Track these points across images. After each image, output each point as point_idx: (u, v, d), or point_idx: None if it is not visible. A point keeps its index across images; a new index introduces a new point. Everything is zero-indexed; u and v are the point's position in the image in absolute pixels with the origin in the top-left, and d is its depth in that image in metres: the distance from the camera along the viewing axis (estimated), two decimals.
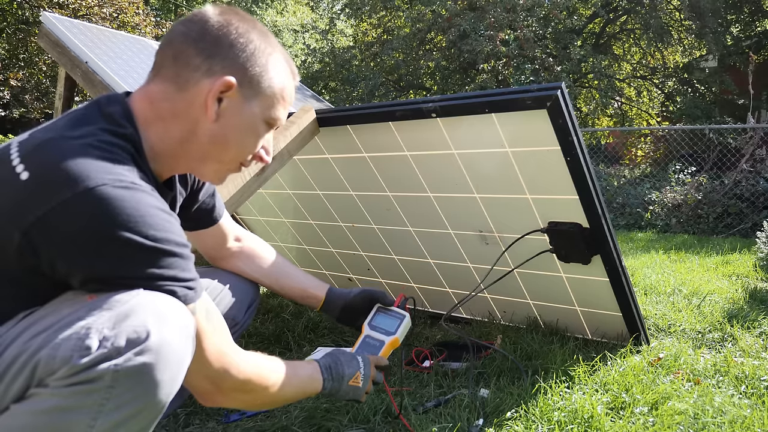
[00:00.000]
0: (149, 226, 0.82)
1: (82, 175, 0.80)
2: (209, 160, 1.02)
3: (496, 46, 9.26)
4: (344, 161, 2.09)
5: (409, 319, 1.43)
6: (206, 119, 0.96)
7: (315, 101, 4.95)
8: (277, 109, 1.03)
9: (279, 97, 1.02)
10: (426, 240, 2.18)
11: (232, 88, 0.95)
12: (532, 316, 2.19)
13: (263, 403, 1.12)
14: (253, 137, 1.02)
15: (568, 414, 1.44)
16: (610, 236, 1.71)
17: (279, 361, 1.12)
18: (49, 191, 0.79)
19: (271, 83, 1.00)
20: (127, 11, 8.40)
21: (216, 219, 1.35)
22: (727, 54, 10.67)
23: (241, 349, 1.01)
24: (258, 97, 0.99)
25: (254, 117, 1.00)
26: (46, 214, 0.78)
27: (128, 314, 0.78)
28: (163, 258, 0.84)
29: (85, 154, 0.82)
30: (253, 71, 0.98)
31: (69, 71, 3.26)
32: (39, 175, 0.81)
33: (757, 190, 6.19)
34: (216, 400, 1.01)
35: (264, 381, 1.05)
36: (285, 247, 2.80)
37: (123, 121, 0.93)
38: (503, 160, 1.72)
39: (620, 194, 7.23)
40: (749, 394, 1.61)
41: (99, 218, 0.79)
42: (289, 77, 1.05)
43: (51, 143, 0.84)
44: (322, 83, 13.41)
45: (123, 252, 0.81)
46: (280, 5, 20.59)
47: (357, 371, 1.25)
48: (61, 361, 0.75)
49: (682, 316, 2.35)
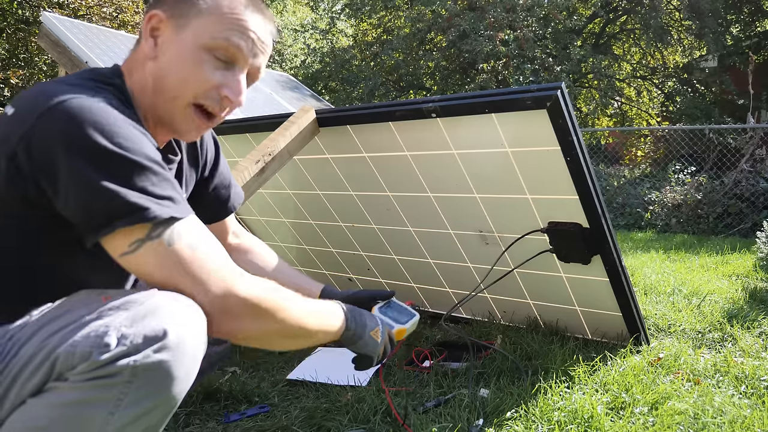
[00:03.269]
0: (117, 135, 0.83)
1: (59, 94, 0.84)
2: (162, 105, 0.99)
3: (496, 46, 9.26)
4: (344, 161, 2.09)
5: (417, 321, 1.41)
6: (149, 59, 0.97)
7: (314, 101, 4.95)
8: (216, 33, 0.96)
9: (218, 20, 0.96)
10: (426, 240, 2.18)
11: (160, 20, 0.96)
12: (532, 316, 2.19)
13: (281, 332, 0.98)
14: (192, 67, 0.96)
15: (568, 414, 1.45)
16: (610, 236, 1.71)
17: (293, 292, 1.03)
18: (26, 115, 0.83)
19: (206, 6, 0.96)
20: (127, 11, 8.39)
21: (229, 211, 1.33)
22: (727, 54, 10.67)
23: (246, 273, 0.94)
24: (190, 24, 0.96)
25: (188, 45, 0.96)
26: (23, 135, 0.82)
27: (145, 314, 0.80)
28: (132, 167, 0.83)
29: (63, 85, 0.87)
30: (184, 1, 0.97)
31: (69, 71, 3.26)
32: (20, 106, 0.86)
33: (757, 190, 6.19)
34: (226, 329, 0.91)
35: (276, 304, 0.94)
36: (285, 247, 2.80)
37: (111, 75, 0.97)
38: (503, 160, 1.72)
39: (620, 194, 7.23)
40: (749, 394, 1.61)
41: (69, 124, 0.81)
42: (241, 4, 0.98)
43: (36, 86, 0.90)
44: (322, 83, 13.41)
45: (92, 156, 0.81)
46: (280, 5, 20.58)
47: (377, 327, 1.20)
48: (80, 357, 0.76)
49: (682, 316, 2.35)
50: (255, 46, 1.00)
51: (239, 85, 1.00)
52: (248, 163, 1.78)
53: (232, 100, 1.00)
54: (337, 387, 1.72)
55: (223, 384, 1.70)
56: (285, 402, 1.64)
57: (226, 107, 1.01)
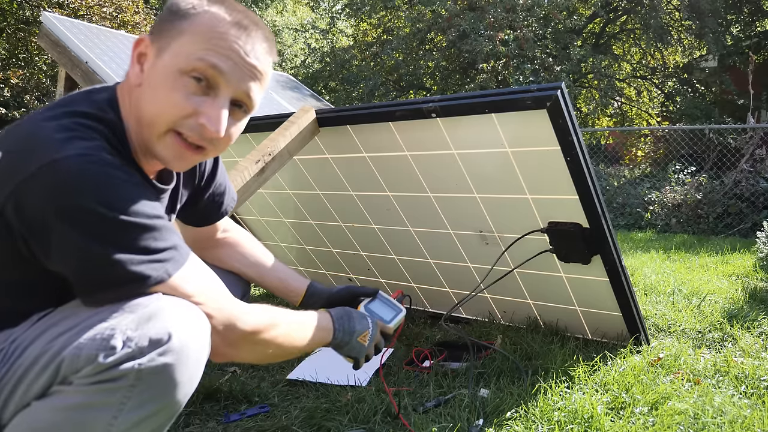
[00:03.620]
0: (112, 199, 0.80)
1: (48, 150, 0.79)
2: (143, 133, 0.91)
3: (496, 46, 9.26)
4: (344, 161, 2.09)
5: (404, 316, 1.41)
6: (135, 86, 0.91)
7: (314, 101, 4.94)
8: (192, 53, 0.86)
9: (196, 39, 0.87)
10: (426, 240, 2.18)
11: (146, 45, 0.90)
12: (532, 316, 2.18)
13: (275, 354, 1.06)
14: (168, 92, 0.87)
15: (568, 414, 1.44)
16: (610, 236, 1.71)
17: (289, 311, 1.09)
18: (16, 168, 0.79)
19: (187, 28, 0.88)
20: (127, 11, 8.39)
21: (219, 217, 1.32)
22: (727, 54, 10.67)
23: (243, 303, 0.99)
24: (170, 46, 0.88)
25: (165, 68, 0.87)
26: (13, 191, 0.79)
27: (150, 317, 0.80)
28: (130, 230, 0.81)
29: (54, 132, 0.81)
30: (167, 21, 0.89)
31: (69, 71, 3.26)
32: (8, 153, 0.82)
33: (757, 190, 6.19)
34: (227, 354, 0.97)
35: (272, 331, 1.01)
36: (285, 247, 2.80)
37: (106, 107, 0.90)
38: (503, 160, 1.72)
39: (620, 194, 7.23)
40: (749, 394, 1.61)
41: (61, 189, 0.78)
42: (224, 22, 0.88)
43: (25, 124, 0.86)
44: (322, 83, 13.41)
45: (85, 225, 0.78)
46: (280, 5, 20.56)
47: (366, 330, 1.23)
48: (86, 359, 0.76)
49: (682, 316, 2.35)
50: (240, 68, 0.89)
51: (218, 113, 0.88)
52: (248, 163, 1.78)
53: (208, 129, 0.88)
54: (337, 387, 1.72)
55: (223, 384, 1.70)
56: (285, 402, 1.64)
57: (207, 137, 0.90)
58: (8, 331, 0.86)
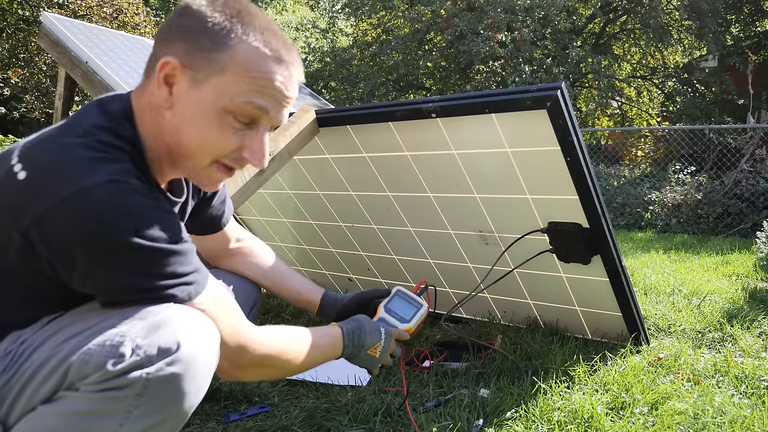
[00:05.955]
0: (141, 225, 0.80)
1: (76, 175, 0.78)
2: (181, 160, 0.92)
3: (493, 47, 9.25)
4: (344, 161, 2.09)
5: (426, 310, 1.42)
6: (165, 108, 0.89)
7: (314, 100, 4.94)
8: (238, 95, 0.86)
9: (240, 79, 0.85)
10: (426, 240, 2.18)
11: (174, 68, 0.86)
12: (532, 316, 2.19)
13: (284, 374, 1.11)
14: (213, 130, 0.88)
15: (568, 414, 1.45)
16: (610, 236, 1.71)
17: (299, 331, 1.12)
18: (43, 192, 0.78)
19: (229, 64, 0.85)
20: (127, 11, 8.39)
21: (222, 226, 1.34)
22: (727, 54, 10.68)
23: (256, 327, 1.01)
24: (210, 81, 0.86)
25: (206, 105, 0.86)
26: (40, 216, 0.78)
27: (160, 325, 0.80)
28: (158, 256, 0.82)
29: (80, 154, 0.81)
30: (198, 44, 0.85)
31: (69, 71, 3.26)
32: (34, 175, 0.80)
33: (757, 190, 6.19)
34: (235, 376, 1.01)
35: (283, 355, 1.05)
36: (285, 247, 2.80)
37: (123, 120, 0.89)
38: (503, 160, 1.72)
39: (620, 194, 7.23)
40: (749, 394, 1.61)
41: (90, 219, 0.77)
42: (266, 58, 0.87)
43: (48, 143, 0.84)
44: (322, 83, 13.41)
45: (115, 252, 0.79)
46: (280, 4, 20.57)
47: (377, 342, 1.25)
48: (94, 366, 0.76)
49: (682, 316, 2.35)
50: (281, 103, 0.91)
51: (263, 147, 0.92)
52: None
53: (253, 162, 0.93)
54: (337, 387, 1.72)
55: (223, 384, 1.70)
56: (285, 402, 1.64)
57: (246, 164, 0.95)
58: (18, 332, 0.85)
